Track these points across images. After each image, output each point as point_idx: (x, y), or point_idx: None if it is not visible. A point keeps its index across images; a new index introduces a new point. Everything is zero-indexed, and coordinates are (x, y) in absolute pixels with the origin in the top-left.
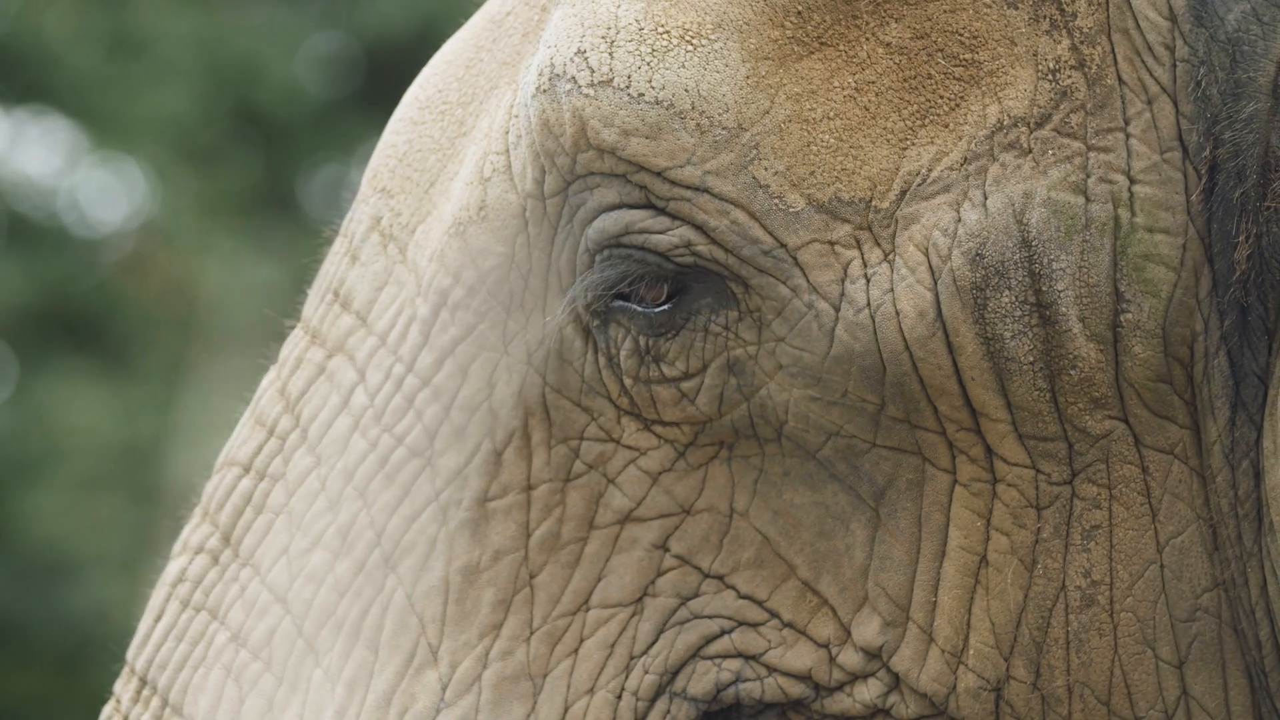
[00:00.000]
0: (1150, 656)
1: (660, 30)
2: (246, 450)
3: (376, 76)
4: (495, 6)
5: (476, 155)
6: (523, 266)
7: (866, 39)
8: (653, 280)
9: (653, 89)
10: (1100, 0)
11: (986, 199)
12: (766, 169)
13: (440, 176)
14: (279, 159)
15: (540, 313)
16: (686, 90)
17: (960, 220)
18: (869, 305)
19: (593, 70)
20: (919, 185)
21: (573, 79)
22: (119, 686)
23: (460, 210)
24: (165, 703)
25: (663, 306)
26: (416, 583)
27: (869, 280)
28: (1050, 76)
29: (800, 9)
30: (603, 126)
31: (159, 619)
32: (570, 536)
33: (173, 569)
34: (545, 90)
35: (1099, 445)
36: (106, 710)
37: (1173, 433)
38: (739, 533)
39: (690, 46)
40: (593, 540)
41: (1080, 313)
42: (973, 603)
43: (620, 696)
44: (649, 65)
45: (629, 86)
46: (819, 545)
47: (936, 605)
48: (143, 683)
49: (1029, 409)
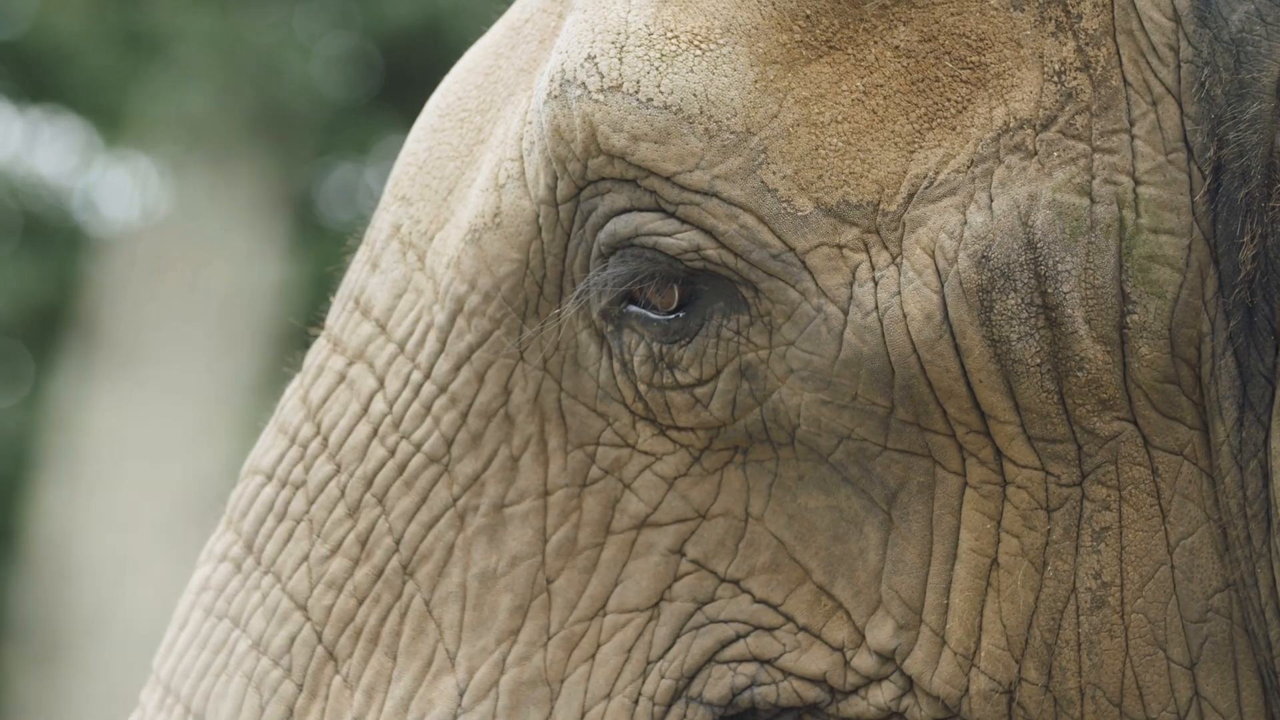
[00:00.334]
0: (1162, 658)
1: (669, 35)
2: (269, 458)
3: (393, 77)
4: (515, 13)
5: (492, 162)
6: (537, 273)
7: (874, 42)
8: (663, 281)
9: (661, 94)
10: (1105, 2)
11: (992, 201)
12: (775, 173)
13: (459, 183)
14: (294, 158)
15: (555, 319)
16: (695, 95)
17: (966, 223)
18: (877, 308)
19: (602, 75)
20: (926, 188)
21: (583, 84)
22: (144, 695)
23: (476, 217)
24: (188, 710)
25: (675, 314)
26: (434, 589)
27: (877, 283)
28: (1056, 78)
29: (809, 13)
30: (612, 132)
31: (183, 627)
32: (587, 542)
33: (197, 578)
34: (556, 96)
35: (1108, 447)
36: (132, 718)
37: (1182, 434)
38: (754, 537)
39: (699, 51)
40: (609, 545)
41: (1086, 314)
42: (984, 605)
43: (637, 701)
44: (658, 70)
45: (638, 91)
46: (833, 549)
47: (949, 608)
48: (166, 691)
49: (1037, 411)
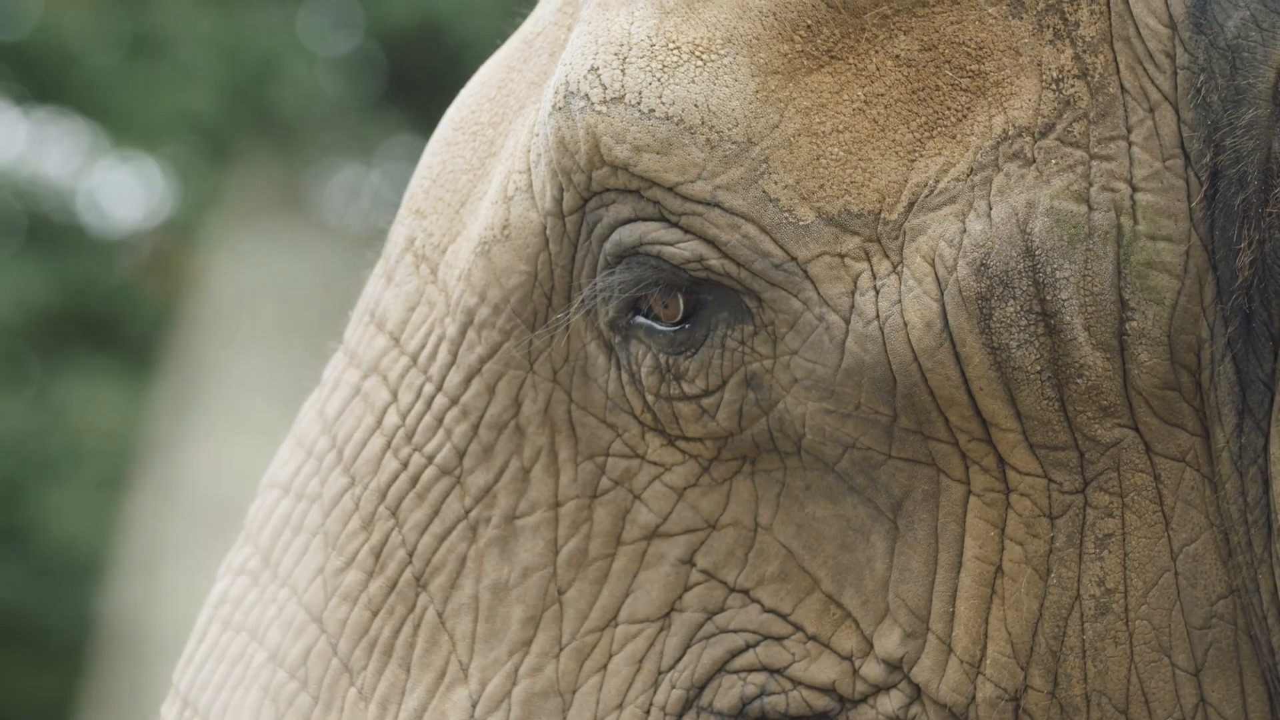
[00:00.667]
0: (1166, 664)
1: (671, 46)
2: (286, 472)
3: (396, 77)
4: (529, 26)
5: (501, 174)
6: (545, 284)
7: (875, 52)
8: (668, 290)
9: (663, 104)
10: (1102, 9)
11: (991, 209)
12: (776, 183)
13: (471, 196)
14: (298, 159)
15: (561, 323)
16: (696, 105)
17: (965, 231)
18: (878, 317)
19: (605, 87)
20: (926, 197)
21: (586, 96)
22: (165, 708)
23: (485, 229)
24: None
25: (681, 325)
26: (447, 600)
27: (878, 292)
28: (1054, 86)
29: (809, 23)
30: (615, 143)
31: (202, 640)
32: (598, 553)
33: (216, 591)
34: (560, 108)
35: (1110, 453)
36: None
37: (1183, 440)
38: (763, 547)
39: (700, 62)
40: (620, 556)
41: (1085, 321)
42: (989, 613)
43: (648, 712)
44: (659, 81)
45: (640, 102)
46: (841, 558)
47: (954, 616)
48: (185, 703)
49: (1038, 418)
